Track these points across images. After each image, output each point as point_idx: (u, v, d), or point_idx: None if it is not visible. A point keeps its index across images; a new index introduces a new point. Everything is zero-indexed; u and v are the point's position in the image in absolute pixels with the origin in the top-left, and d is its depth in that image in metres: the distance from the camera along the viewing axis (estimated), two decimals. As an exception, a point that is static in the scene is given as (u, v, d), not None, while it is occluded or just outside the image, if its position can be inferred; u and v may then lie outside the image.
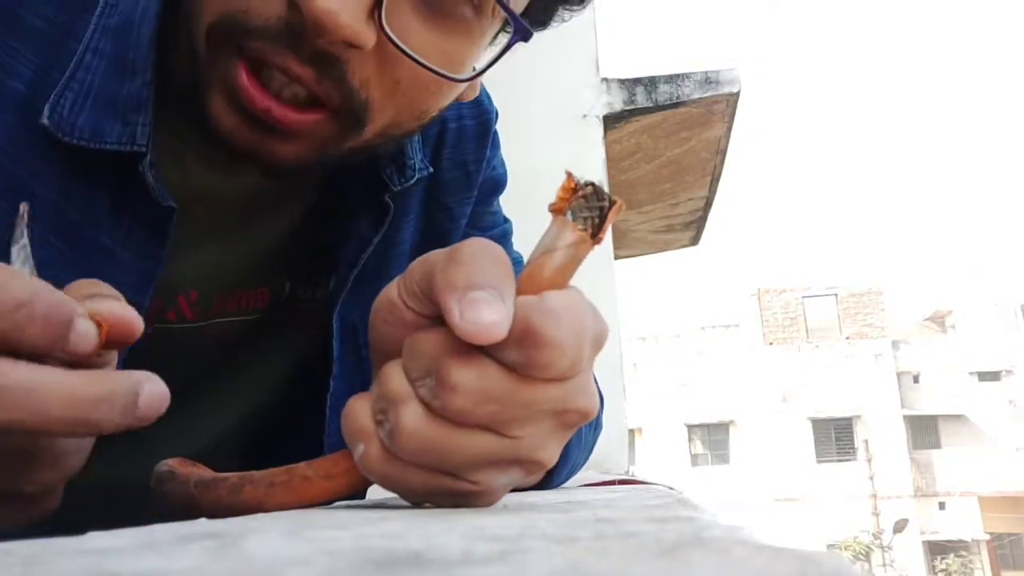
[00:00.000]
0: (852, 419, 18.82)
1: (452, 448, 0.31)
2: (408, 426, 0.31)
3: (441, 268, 0.31)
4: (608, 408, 2.46)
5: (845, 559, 0.17)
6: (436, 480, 0.32)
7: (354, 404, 0.34)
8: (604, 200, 0.32)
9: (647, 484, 0.68)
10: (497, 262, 0.31)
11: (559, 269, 0.32)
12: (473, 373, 0.30)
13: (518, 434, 0.32)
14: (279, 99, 0.43)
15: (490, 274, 0.30)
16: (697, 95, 2.89)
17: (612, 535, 0.21)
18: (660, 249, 4.90)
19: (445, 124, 0.62)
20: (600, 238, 0.32)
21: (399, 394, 0.31)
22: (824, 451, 18.78)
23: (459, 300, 0.29)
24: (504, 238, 0.68)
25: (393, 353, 0.33)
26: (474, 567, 0.16)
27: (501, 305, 0.29)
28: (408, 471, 0.32)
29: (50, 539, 0.19)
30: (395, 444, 0.31)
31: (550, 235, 0.33)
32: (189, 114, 0.46)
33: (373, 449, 0.32)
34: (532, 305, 0.30)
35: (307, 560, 0.16)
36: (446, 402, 0.30)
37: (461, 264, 0.31)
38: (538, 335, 0.30)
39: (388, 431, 0.32)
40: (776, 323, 20.18)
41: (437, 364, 0.31)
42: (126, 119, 0.46)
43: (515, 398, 0.31)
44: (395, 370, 0.32)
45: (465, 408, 0.30)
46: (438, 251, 0.33)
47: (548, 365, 0.30)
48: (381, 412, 0.32)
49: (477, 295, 0.29)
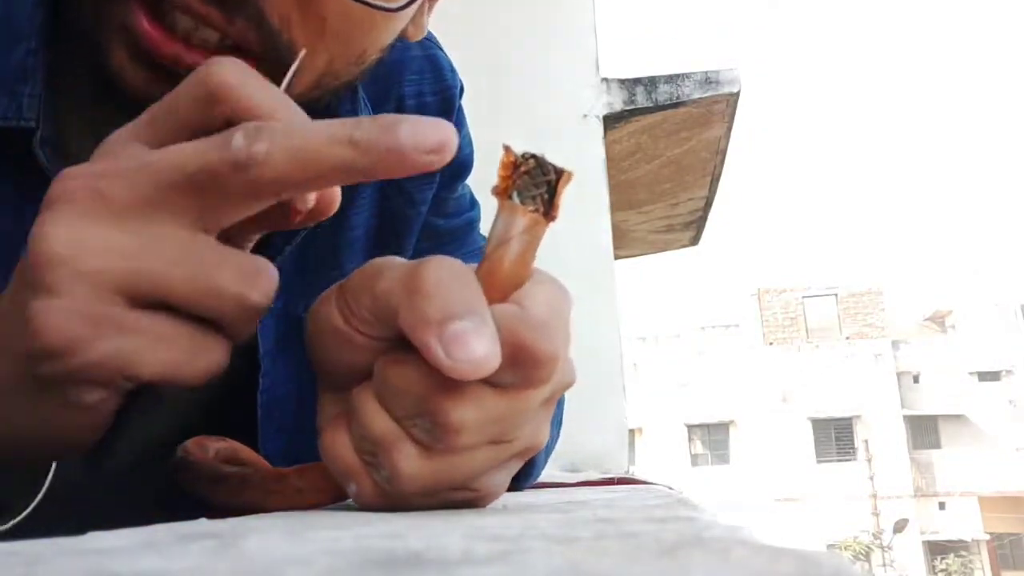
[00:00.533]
0: (852, 419, 18.81)
1: (456, 474, 0.30)
2: (408, 471, 0.30)
3: (405, 302, 0.28)
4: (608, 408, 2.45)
5: (845, 559, 0.17)
6: (439, 496, 0.32)
7: (332, 440, 0.32)
8: (550, 173, 0.29)
9: (647, 484, 0.68)
10: (463, 281, 0.28)
11: (518, 259, 0.30)
12: (471, 407, 0.29)
13: (516, 437, 0.31)
14: (188, 44, 0.37)
15: (462, 298, 0.28)
16: (697, 95, 2.89)
17: (612, 535, 0.21)
18: (660, 249, 4.90)
19: (402, 101, 0.56)
20: (554, 215, 0.30)
21: (389, 436, 0.30)
22: (824, 451, 18.78)
23: (439, 337, 0.27)
24: (470, 226, 0.63)
25: (344, 375, 0.32)
26: (474, 567, 0.16)
27: (486, 331, 0.27)
28: (410, 498, 0.31)
29: (51, 539, 0.19)
30: (396, 487, 0.30)
31: (500, 223, 0.30)
32: (96, 79, 0.40)
33: (367, 488, 0.31)
34: (517, 318, 0.29)
35: (307, 560, 0.16)
36: (450, 444, 0.29)
37: (428, 295, 0.28)
38: (531, 353, 0.28)
39: (385, 476, 0.30)
40: (776, 323, 20.18)
41: (429, 405, 0.29)
42: (13, 91, 0.40)
43: (514, 412, 0.30)
44: (373, 407, 0.30)
45: (471, 443, 0.29)
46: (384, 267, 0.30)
47: (546, 378, 0.30)
48: (370, 455, 0.31)
49: (458, 328, 0.27)
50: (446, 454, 0.30)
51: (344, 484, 0.32)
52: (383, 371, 0.30)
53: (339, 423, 0.32)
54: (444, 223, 0.60)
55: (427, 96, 0.57)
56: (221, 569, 0.16)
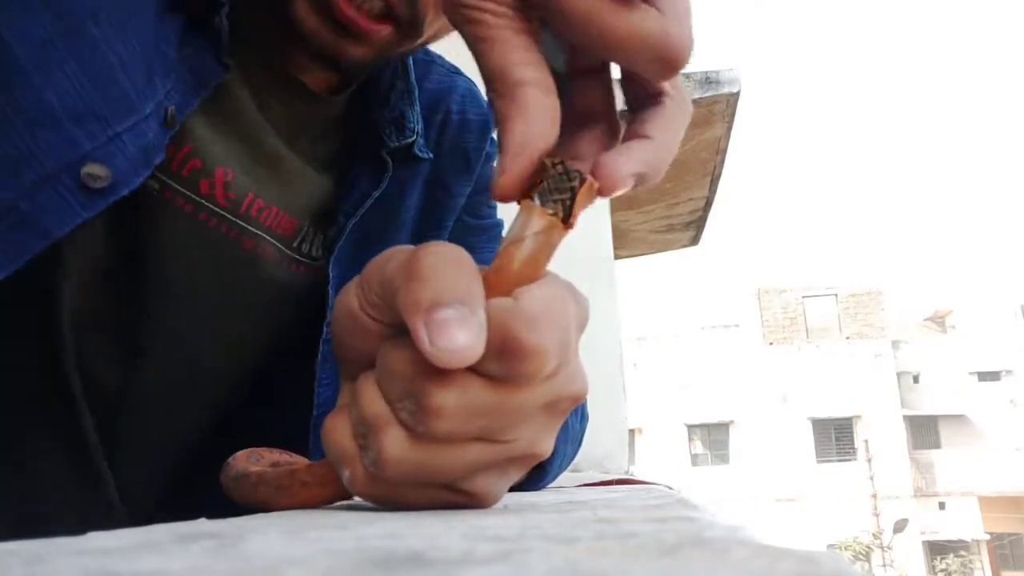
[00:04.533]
0: (852, 419, 18.82)
1: (442, 466, 0.30)
2: (393, 454, 0.30)
3: (402, 284, 0.29)
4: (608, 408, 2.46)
5: (845, 559, 0.17)
6: (431, 493, 0.32)
7: (332, 425, 0.32)
8: (574, 180, 0.30)
9: (647, 484, 0.68)
10: (459, 266, 0.29)
11: (529, 259, 0.30)
12: (454, 392, 0.29)
13: (511, 438, 0.31)
14: (360, 9, 0.49)
15: (455, 284, 0.28)
16: (697, 95, 2.89)
17: (612, 535, 0.21)
18: (660, 249, 4.90)
19: (449, 114, 0.66)
20: (572, 223, 0.30)
21: (378, 418, 0.30)
22: (824, 451, 18.79)
23: (426, 322, 0.28)
24: (496, 229, 0.71)
25: (359, 362, 0.32)
26: (474, 567, 0.16)
27: (472, 321, 0.27)
28: (400, 490, 0.31)
29: (50, 539, 0.19)
30: (381, 472, 0.30)
31: (518, 222, 0.30)
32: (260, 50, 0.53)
33: (359, 473, 0.31)
34: (508, 311, 0.29)
35: (307, 560, 0.16)
36: (430, 427, 0.29)
37: (422, 279, 0.29)
38: (518, 344, 0.28)
39: (372, 459, 0.30)
40: (776, 323, 20.18)
41: (414, 386, 0.29)
42: None
43: (503, 407, 0.30)
44: (371, 389, 0.31)
45: (451, 429, 0.29)
46: (396, 252, 0.31)
47: (534, 373, 0.29)
48: (362, 437, 0.31)
49: (444, 315, 0.27)
50: (430, 442, 0.30)
51: (339, 470, 0.32)
52: (383, 354, 0.31)
53: (343, 410, 0.33)
54: (475, 221, 0.69)
55: (470, 114, 0.68)
56: (221, 569, 0.16)
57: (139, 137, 0.44)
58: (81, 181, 0.42)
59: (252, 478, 0.37)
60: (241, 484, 0.38)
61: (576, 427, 0.61)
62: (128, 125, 0.44)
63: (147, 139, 0.45)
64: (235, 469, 0.39)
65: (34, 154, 0.41)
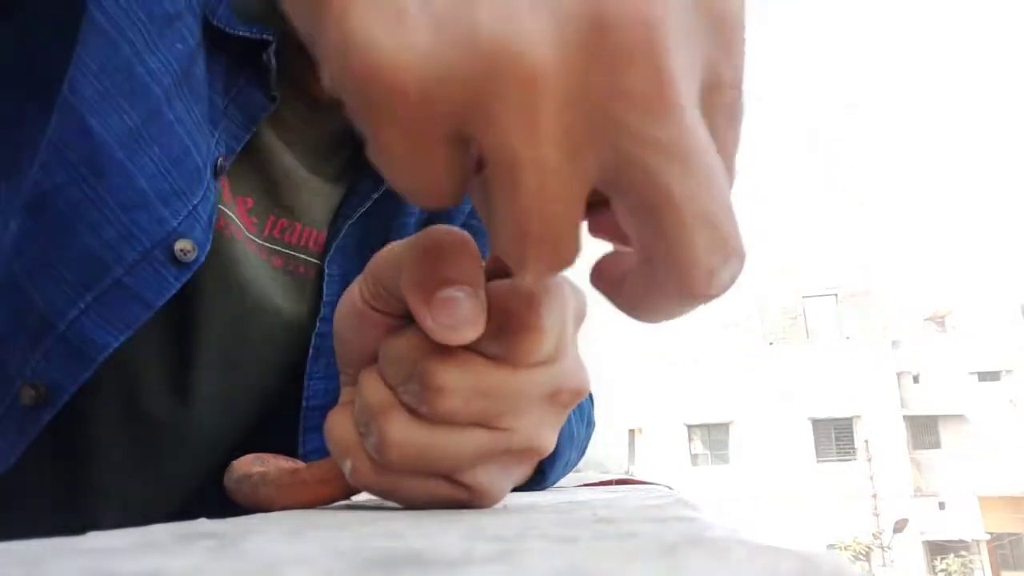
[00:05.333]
0: (852, 419, 18.81)
1: (443, 451, 0.30)
2: (395, 436, 0.30)
3: (406, 266, 0.30)
4: (608, 408, 2.44)
5: (845, 559, 0.17)
6: (432, 486, 0.32)
7: (334, 419, 0.33)
8: None
9: (647, 484, 0.68)
10: (461, 250, 0.30)
11: None
12: (457, 371, 0.29)
13: (510, 425, 0.31)
14: None
15: (456, 266, 0.29)
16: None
17: (612, 535, 0.21)
18: (660, 249, 4.88)
19: None
20: None
21: (380, 403, 0.31)
22: (824, 451, 18.78)
23: (428, 301, 0.28)
24: None
25: (362, 362, 0.33)
26: (474, 567, 0.16)
27: (473, 301, 0.28)
28: (401, 480, 0.31)
29: (50, 539, 0.19)
30: (383, 456, 0.31)
31: None
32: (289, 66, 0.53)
33: (362, 464, 0.32)
34: (506, 290, 0.29)
35: (307, 560, 0.16)
36: (434, 406, 0.29)
37: (424, 261, 0.29)
38: (517, 321, 0.29)
39: (374, 444, 0.31)
40: (776, 323, 20.18)
41: (418, 367, 0.30)
42: None
43: (504, 389, 0.30)
44: (373, 378, 0.31)
45: (454, 408, 0.30)
46: (398, 244, 0.32)
47: (532, 351, 0.30)
48: (364, 425, 0.31)
49: (446, 294, 0.28)
50: (433, 423, 0.30)
51: (341, 464, 0.32)
52: (385, 345, 0.32)
53: (345, 405, 0.34)
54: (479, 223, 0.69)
55: None
56: (221, 569, 0.16)
57: (207, 204, 0.49)
58: (174, 255, 0.47)
59: (254, 479, 0.38)
60: (243, 485, 0.38)
61: (581, 433, 0.61)
62: (201, 196, 0.48)
63: (210, 203, 0.49)
64: (238, 471, 0.40)
65: (133, 234, 0.46)
